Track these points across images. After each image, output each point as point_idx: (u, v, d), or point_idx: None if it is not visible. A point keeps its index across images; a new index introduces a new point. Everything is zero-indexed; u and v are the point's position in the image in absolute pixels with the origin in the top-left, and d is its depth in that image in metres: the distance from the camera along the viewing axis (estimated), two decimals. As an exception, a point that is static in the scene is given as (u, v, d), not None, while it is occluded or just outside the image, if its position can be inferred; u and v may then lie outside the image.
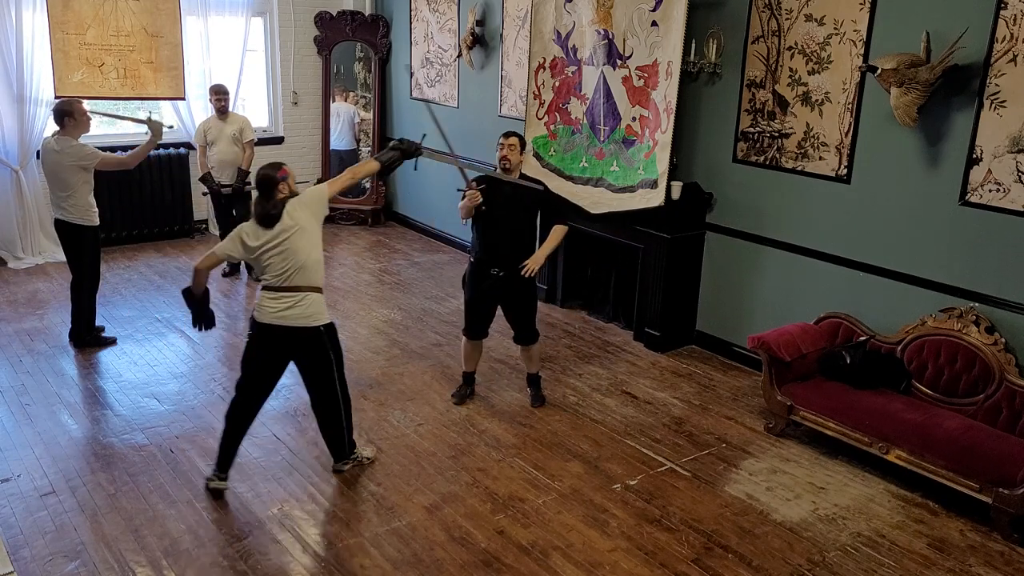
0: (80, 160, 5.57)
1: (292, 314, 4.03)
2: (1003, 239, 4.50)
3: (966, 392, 4.57)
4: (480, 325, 5.14)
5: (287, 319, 4.03)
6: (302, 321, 4.06)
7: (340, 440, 4.40)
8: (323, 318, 4.14)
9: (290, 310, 4.03)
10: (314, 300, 4.09)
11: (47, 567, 3.66)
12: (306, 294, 4.06)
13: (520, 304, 5.07)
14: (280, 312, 4.03)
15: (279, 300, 4.03)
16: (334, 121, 9.46)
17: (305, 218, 4.05)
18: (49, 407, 5.10)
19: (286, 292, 4.03)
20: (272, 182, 4.05)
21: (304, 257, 4.04)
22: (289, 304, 4.03)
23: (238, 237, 4.07)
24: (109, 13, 7.58)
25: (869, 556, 3.90)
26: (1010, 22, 4.31)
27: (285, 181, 4.08)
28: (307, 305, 4.06)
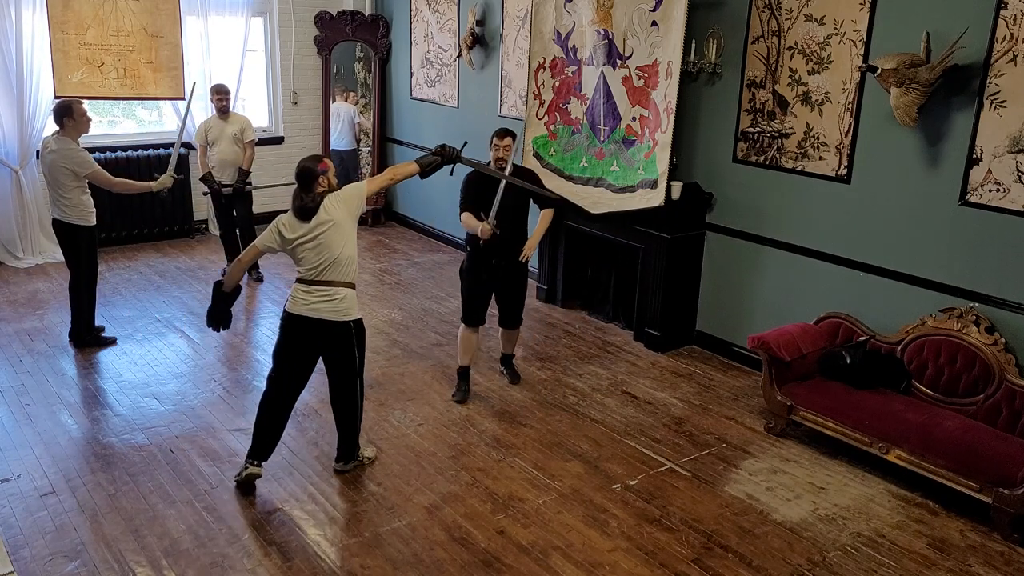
0: (74, 165, 5.56)
1: (324, 308, 4.08)
2: (1003, 239, 4.50)
3: (966, 392, 4.57)
4: (479, 313, 5.29)
5: (319, 312, 4.08)
6: (334, 315, 4.10)
7: (351, 439, 4.42)
8: (354, 314, 4.18)
9: (323, 303, 4.08)
10: (347, 295, 4.13)
11: (47, 567, 3.66)
12: (339, 289, 4.10)
13: (514, 290, 5.34)
14: (313, 305, 4.08)
15: (312, 293, 4.08)
16: (334, 121, 9.46)
17: (341, 214, 4.08)
18: (49, 407, 5.10)
19: (319, 286, 4.08)
20: (312, 175, 4.08)
21: (338, 252, 4.07)
22: (322, 298, 4.08)
23: (276, 228, 4.14)
24: (109, 13, 7.58)
25: (869, 556, 3.90)
26: (1010, 22, 4.31)
27: (325, 175, 4.10)
28: (339, 300, 4.10)
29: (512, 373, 5.65)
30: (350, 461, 4.46)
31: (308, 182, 4.08)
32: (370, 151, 9.55)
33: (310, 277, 4.09)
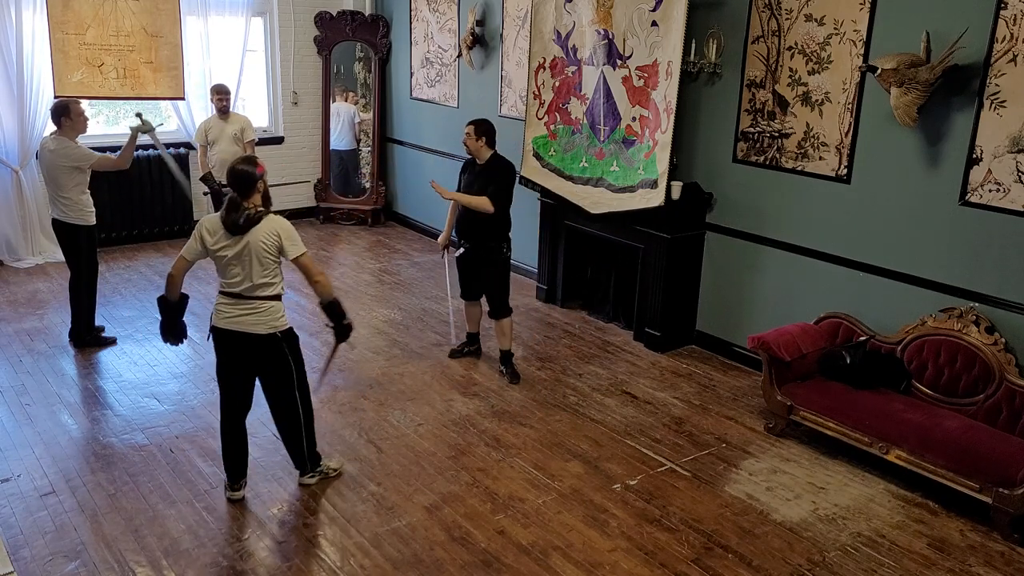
0: (75, 161, 5.57)
1: (249, 320, 3.91)
2: (1003, 239, 4.49)
3: (966, 392, 4.56)
4: (464, 288, 5.76)
5: (243, 325, 3.91)
6: (259, 328, 3.92)
7: (300, 453, 4.26)
8: (282, 324, 3.99)
9: (246, 316, 3.91)
10: (272, 307, 3.95)
11: (47, 567, 3.66)
12: (263, 302, 3.92)
13: (484, 277, 5.62)
14: (236, 317, 3.91)
15: (235, 306, 3.91)
16: (334, 121, 9.46)
17: (271, 249, 3.88)
18: (49, 407, 5.10)
19: (243, 299, 3.91)
20: (251, 180, 3.89)
21: (261, 278, 3.90)
22: (245, 311, 3.91)
23: (198, 234, 3.93)
24: (109, 13, 7.58)
25: (869, 556, 3.90)
26: (1010, 22, 4.31)
27: (262, 179, 3.95)
28: (264, 311, 3.92)
29: (511, 372, 5.66)
30: (309, 472, 4.31)
31: (247, 187, 3.88)
32: (370, 151, 9.55)
33: (232, 291, 3.91)
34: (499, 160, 5.47)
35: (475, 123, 5.45)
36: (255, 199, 3.94)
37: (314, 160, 9.47)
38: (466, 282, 5.74)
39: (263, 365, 4.04)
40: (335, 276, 7.69)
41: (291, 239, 3.94)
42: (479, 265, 5.60)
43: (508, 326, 5.64)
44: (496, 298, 5.61)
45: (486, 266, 5.58)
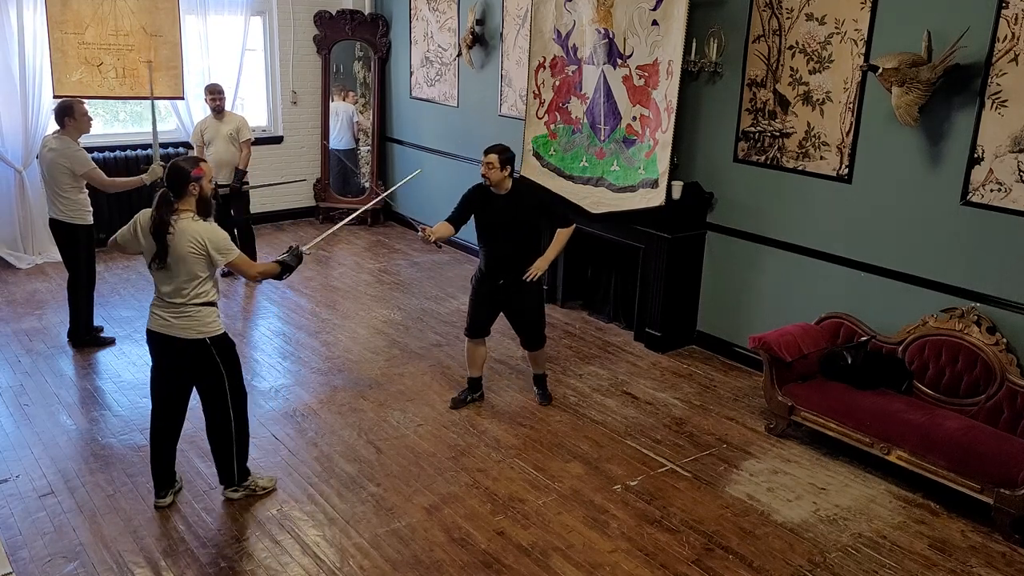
0: (71, 163, 5.55)
1: (178, 324, 3.80)
2: (1005, 239, 4.48)
3: (967, 392, 4.55)
4: (479, 326, 5.14)
5: (172, 329, 3.80)
6: (188, 333, 3.80)
7: (229, 466, 4.10)
8: (212, 330, 3.85)
9: (176, 320, 3.80)
10: (202, 312, 3.82)
11: (46, 568, 3.65)
12: (194, 308, 3.80)
13: (525, 311, 5.08)
14: (165, 321, 3.80)
15: (165, 309, 3.81)
16: (333, 120, 9.45)
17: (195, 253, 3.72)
18: (48, 407, 5.08)
19: (172, 304, 3.80)
20: (184, 178, 3.69)
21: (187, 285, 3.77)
22: (174, 315, 3.80)
23: (133, 224, 3.84)
24: (108, 12, 7.55)
25: (870, 557, 3.89)
26: (1011, 22, 4.30)
27: (199, 181, 3.73)
28: (192, 316, 3.80)
29: (543, 394, 5.31)
30: (234, 486, 4.15)
31: (178, 185, 3.69)
32: (369, 150, 9.54)
33: (161, 294, 3.81)
34: (526, 184, 5.06)
35: (499, 152, 4.78)
36: (188, 202, 3.75)
37: (313, 160, 9.46)
38: (484, 318, 5.11)
39: (195, 372, 3.92)
40: (334, 276, 7.68)
41: (218, 247, 3.76)
42: (515, 302, 5.03)
43: (545, 354, 5.30)
44: (536, 329, 5.11)
45: (526, 296, 5.02)
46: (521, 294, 4.99)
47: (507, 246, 4.91)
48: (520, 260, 4.94)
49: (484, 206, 4.91)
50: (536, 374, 5.35)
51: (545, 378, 5.37)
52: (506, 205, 4.86)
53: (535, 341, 5.16)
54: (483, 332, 5.17)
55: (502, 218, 4.87)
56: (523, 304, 5.05)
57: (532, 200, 4.99)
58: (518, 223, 4.89)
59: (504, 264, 4.94)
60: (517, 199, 4.89)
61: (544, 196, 5.19)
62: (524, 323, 5.11)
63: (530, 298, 5.05)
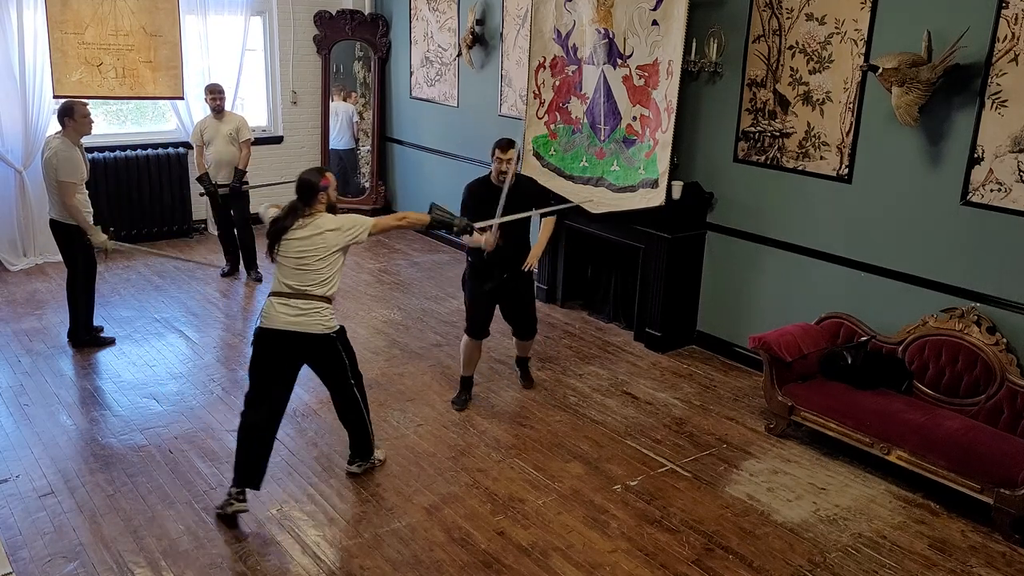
0: (59, 165, 5.47)
1: (303, 321, 3.93)
2: (1005, 239, 4.48)
3: (967, 392, 4.55)
4: (483, 325, 5.14)
5: (299, 325, 3.93)
6: (314, 328, 3.95)
7: (365, 442, 4.36)
8: (334, 325, 4.05)
9: (300, 317, 3.93)
10: (323, 308, 3.99)
11: (46, 568, 3.65)
12: (315, 302, 3.95)
13: (521, 302, 5.21)
14: (291, 319, 3.92)
15: (288, 306, 3.93)
16: (333, 120, 9.45)
17: (331, 240, 3.93)
18: (48, 407, 5.08)
19: (296, 299, 3.93)
20: (312, 189, 3.89)
21: (319, 275, 3.94)
22: (299, 312, 3.93)
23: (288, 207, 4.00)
24: (108, 12, 7.56)
25: (870, 557, 3.89)
26: (1011, 21, 4.30)
27: (326, 191, 3.93)
28: (315, 313, 3.95)
29: (526, 377, 5.55)
30: (359, 461, 4.40)
31: (309, 196, 3.91)
32: (369, 150, 9.54)
33: (286, 290, 3.94)
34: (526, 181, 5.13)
35: (515, 147, 4.92)
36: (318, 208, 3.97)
37: (313, 160, 9.44)
38: (487, 317, 5.14)
39: (315, 363, 4.11)
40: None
41: (352, 220, 4.01)
42: (514, 294, 5.12)
43: (532, 342, 5.48)
44: (531, 319, 5.27)
45: (524, 293, 5.20)
46: (519, 286, 5.14)
47: (510, 238, 4.91)
48: (519, 251, 5.03)
49: (486, 201, 4.89)
50: (520, 357, 5.56)
51: (528, 361, 5.61)
52: (510, 199, 4.86)
53: (530, 330, 5.30)
54: (486, 332, 5.17)
55: (507, 211, 4.86)
56: (521, 295, 5.17)
57: (531, 190, 5.13)
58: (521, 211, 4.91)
59: (506, 256, 4.94)
60: (519, 193, 4.94)
61: (542, 190, 5.40)
62: (522, 313, 5.23)
63: (526, 287, 5.23)
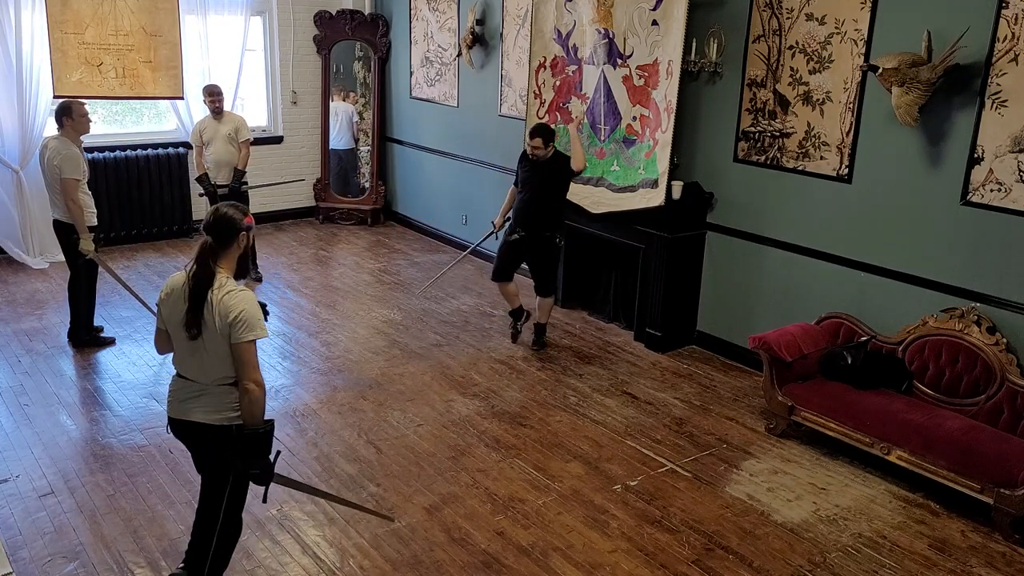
0: (61, 164, 5.48)
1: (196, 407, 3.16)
2: (1005, 239, 4.48)
3: (967, 392, 4.55)
4: (501, 271, 6.02)
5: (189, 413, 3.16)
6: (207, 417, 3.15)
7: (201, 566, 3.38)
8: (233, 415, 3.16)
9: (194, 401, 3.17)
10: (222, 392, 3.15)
11: (46, 568, 3.65)
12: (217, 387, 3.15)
13: (538, 261, 6.00)
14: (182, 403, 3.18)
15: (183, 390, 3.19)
16: (333, 120, 9.45)
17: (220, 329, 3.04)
18: (48, 407, 5.08)
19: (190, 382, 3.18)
20: (234, 228, 3.10)
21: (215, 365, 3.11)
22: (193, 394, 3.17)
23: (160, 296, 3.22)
24: (108, 12, 7.56)
25: (870, 557, 3.89)
26: (1011, 22, 4.30)
27: (248, 232, 3.18)
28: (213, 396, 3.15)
29: (539, 340, 6.13)
30: None
31: (227, 236, 3.09)
32: (369, 150, 9.54)
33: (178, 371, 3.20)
34: (559, 158, 5.83)
35: (541, 135, 5.69)
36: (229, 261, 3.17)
37: (313, 160, 9.46)
38: (507, 265, 6.00)
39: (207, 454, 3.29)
40: (334, 276, 7.68)
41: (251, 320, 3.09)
42: (530, 252, 5.94)
43: (550, 304, 6.14)
44: (546, 278, 6.04)
45: (539, 253, 5.94)
46: (534, 249, 5.91)
47: (531, 203, 5.79)
48: (540, 218, 5.81)
49: (526, 167, 5.90)
50: (538, 323, 6.16)
51: (544, 328, 6.19)
52: (541, 170, 5.78)
53: (547, 287, 6.07)
54: (505, 277, 6.02)
55: (534, 180, 5.80)
56: (539, 255, 5.96)
57: (561, 163, 5.80)
58: (546, 186, 5.78)
59: (525, 219, 5.82)
60: (551, 167, 5.77)
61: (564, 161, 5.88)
62: (538, 271, 6.05)
63: (544, 255, 5.95)
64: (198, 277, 3.06)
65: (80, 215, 5.59)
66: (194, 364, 3.15)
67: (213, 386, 3.15)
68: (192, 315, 3.05)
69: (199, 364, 3.13)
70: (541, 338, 6.15)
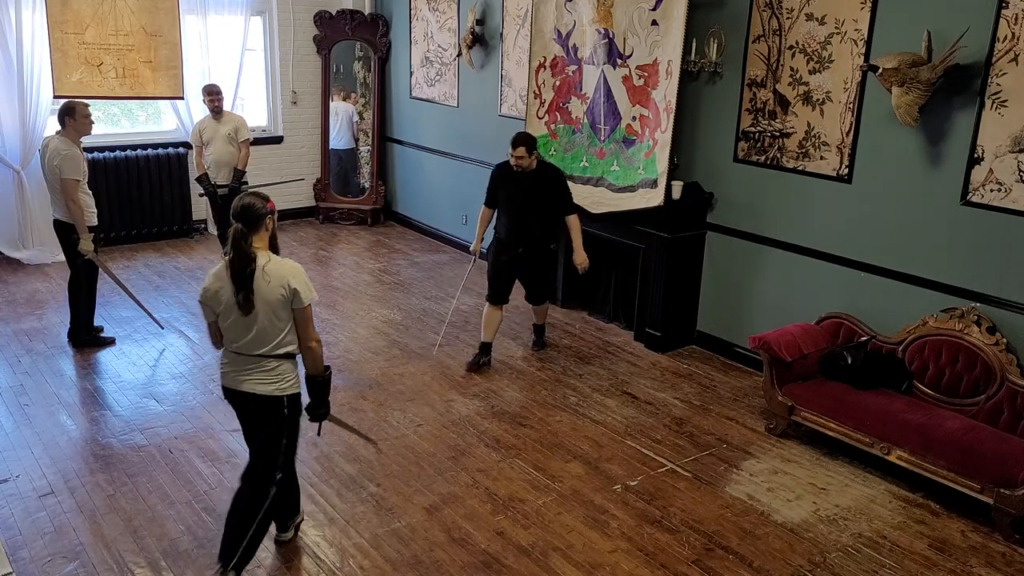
0: (61, 164, 5.48)
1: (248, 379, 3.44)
2: (1004, 239, 4.48)
3: (967, 392, 4.55)
4: (500, 292, 5.72)
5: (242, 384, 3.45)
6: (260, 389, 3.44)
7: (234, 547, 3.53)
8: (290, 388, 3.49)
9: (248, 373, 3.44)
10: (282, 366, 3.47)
11: (46, 568, 3.65)
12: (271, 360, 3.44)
13: (533, 274, 5.79)
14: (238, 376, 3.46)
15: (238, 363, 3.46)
16: (333, 120, 9.45)
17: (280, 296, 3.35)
18: (48, 407, 5.08)
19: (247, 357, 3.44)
20: (258, 215, 3.39)
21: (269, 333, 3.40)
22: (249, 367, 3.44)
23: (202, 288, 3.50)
24: (108, 12, 7.56)
25: (870, 557, 3.89)
26: (1011, 22, 4.30)
27: (272, 215, 3.47)
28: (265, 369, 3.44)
29: (538, 342, 6.12)
30: None
31: (255, 221, 3.38)
32: (369, 150, 9.54)
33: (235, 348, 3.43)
34: (546, 167, 5.64)
35: (524, 143, 5.43)
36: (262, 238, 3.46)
37: (313, 160, 9.46)
38: (503, 286, 5.70)
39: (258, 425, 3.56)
40: (334, 276, 7.69)
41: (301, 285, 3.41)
42: (528, 264, 5.69)
43: (546, 307, 6.07)
44: (543, 287, 5.91)
45: (537, 263, 5.76)
46: (535, 261, 5.71)
47: (527, 217, 5.55)
48: (538, 229, 5.60)
49: (508, 182, 5.56)
50: (536, 324, 6.12)
51: (543, 329, 6.16)
52: (530, 182, 5.50)
53: (538, 296, 5.91)
54: (503, 299, 5.75)
55: (525, 192, 5.51)
56: (534, 268, 5.76)
57: (551, 177, 5.60)
58: (538, 197, 5.53)
59: (524, 233, 5.59)
60: (539, 176, 5.54)
61: (561, 177, 5.70)
62: (533, 283, 5.83)
63: (540, 263, 5.79)
64: (238, 261, 3.36)
65: (80, 215, 5.60)
66: (249, 337, 3.41)
67: (267, 358, 3.43)
68: (243, 294, 3.34)
69: (254, 336, 3.41)
70: (542, 338, 6.15)
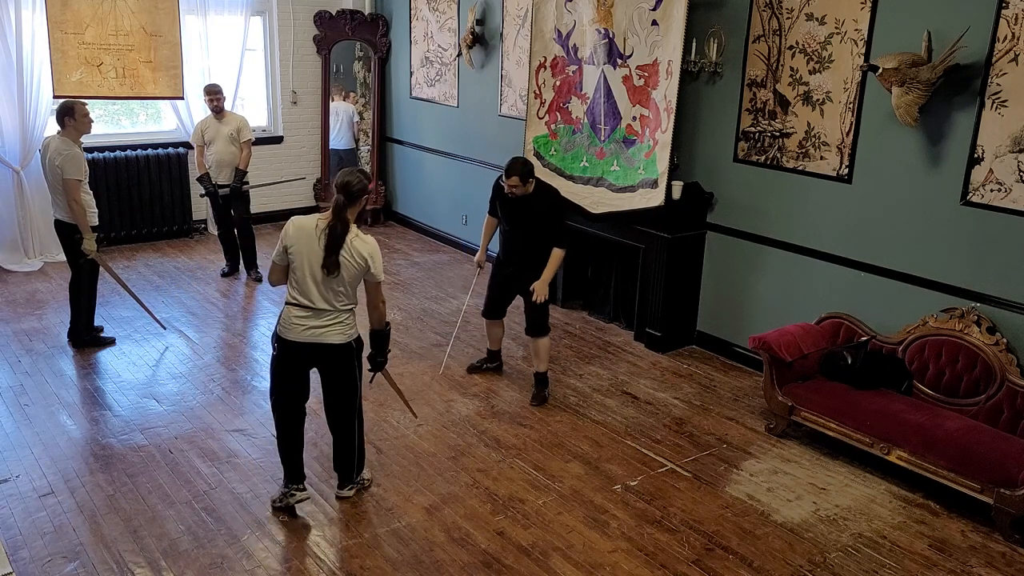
0: (63, 164, 5.47)
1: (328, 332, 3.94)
2: (1005, 239, 4.48)
3: (967, 393, 4.55)
4: (492, 307, 5.51)
5: (322, 337, 3.92)
6: (339, 339, 3.97)
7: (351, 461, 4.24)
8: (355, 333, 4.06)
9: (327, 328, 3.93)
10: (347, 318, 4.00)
11: (46, 568, 3.65)
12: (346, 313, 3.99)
13: (527, 301, 5.29)
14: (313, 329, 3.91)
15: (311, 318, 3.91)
16: (333, 120, 9.45)
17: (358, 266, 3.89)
18: (48, 408, 5.08)
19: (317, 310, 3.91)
20: (361, 190, 3.87)
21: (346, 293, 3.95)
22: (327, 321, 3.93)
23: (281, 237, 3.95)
24: (108, 12, 7.56)
25: (870, 557, 3.89)
26: (1011, 22, 4.30)
27: (368, 195, 4.00)
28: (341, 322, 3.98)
29: (539, 394, 5.33)
30: (349, 484, 4.26)
31: (356, 195, 3.87)
32: (369, 150, 9.54)
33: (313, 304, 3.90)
34: (545, 190, 5.23)
35: (518, 173, 4.98)
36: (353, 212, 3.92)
37: (313, 160, 9.46)
38: (498, 301, 5.48)
39: (330, 371, 4.06)
40: (335, 276, 7.67)
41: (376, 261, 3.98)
42: (523, 284, 5.24)
43: (547, 347, 5.37)
44: (539, 317, 5.29)
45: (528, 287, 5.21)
46: (527, 281, 5.22)
47: (519, 239, 5.27)
48: (529, 253, 5.24)
49: (505, 201, 5.26)
50: (535, 372, 5.40)
51: (544, 379, 5.38)
52: (523, 205, 5.16)
53: (539, 327, 5.32)
54: (497, 314, 5.52)
55: (517, 215, 5.22)
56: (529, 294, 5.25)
57: (545, 205, 5.17)
58: (531, 223, 5.20)
59: (515, 253, 5.32)
60: (533, 201, 5.15)
61: (556, 207, 5.23)
62: (528, 310, 5.34)
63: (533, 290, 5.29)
64: (336, 227, 3.80)
65: (83, 215, 5.60)
66: (328, 294, 3.89)
67: (340, 312, 3.95)
68: (333, 257, 3.79)
69: (333, 294, 3.90)
70: (542, 391, 5.35)
